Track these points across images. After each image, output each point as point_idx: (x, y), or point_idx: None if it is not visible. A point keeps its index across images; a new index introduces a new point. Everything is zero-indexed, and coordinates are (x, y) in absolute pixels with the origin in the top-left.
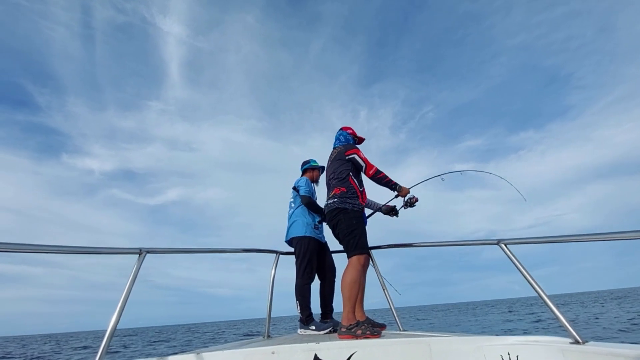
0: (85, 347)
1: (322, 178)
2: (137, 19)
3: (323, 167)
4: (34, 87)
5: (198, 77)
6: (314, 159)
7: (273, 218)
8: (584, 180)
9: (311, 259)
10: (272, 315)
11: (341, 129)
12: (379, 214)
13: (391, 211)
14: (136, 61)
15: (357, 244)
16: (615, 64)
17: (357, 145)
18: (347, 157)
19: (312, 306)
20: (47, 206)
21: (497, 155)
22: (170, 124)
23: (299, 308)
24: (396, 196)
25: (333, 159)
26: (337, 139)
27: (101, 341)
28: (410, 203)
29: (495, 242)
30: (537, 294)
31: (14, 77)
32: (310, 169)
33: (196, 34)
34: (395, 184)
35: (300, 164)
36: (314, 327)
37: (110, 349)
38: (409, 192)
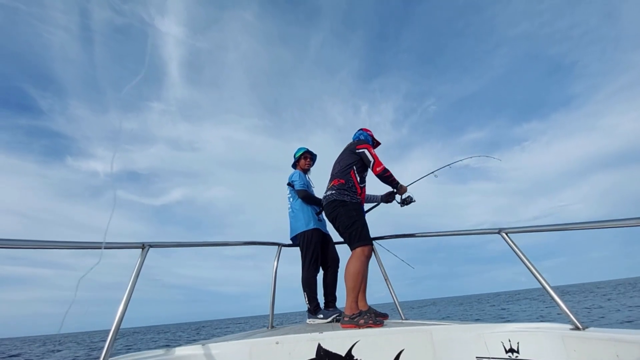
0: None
1: (318, 167)
2: (135, 20)
3: (312, 153)
4: (36, 91)
5: (198, 76)
6: (302, 146)
7: (277, 214)
8: (589, 170)
9: (315, 251)
10: (280, 312)
11: (361, 129)
12: (377, 208)
13: (389, 196)
14: (136, 62)
15: (359, 235)
16: (620, 51)
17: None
18: (357, 151)
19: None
20: (54, 208)
21: (501, 147)
22: (172, 124)
23: (307, 299)
24: (394, 193)
25: (343, 150)
26: (356, 137)
27: (108, 334)
28: (407, 202)
29: (497, 231)
30: (539, 283)
31: (16, 82)
32: (301, 158)
33: (195, 34)
34: (397, 182)
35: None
36: (321, 316)
37: (117, 346)
38: (406, 191)
